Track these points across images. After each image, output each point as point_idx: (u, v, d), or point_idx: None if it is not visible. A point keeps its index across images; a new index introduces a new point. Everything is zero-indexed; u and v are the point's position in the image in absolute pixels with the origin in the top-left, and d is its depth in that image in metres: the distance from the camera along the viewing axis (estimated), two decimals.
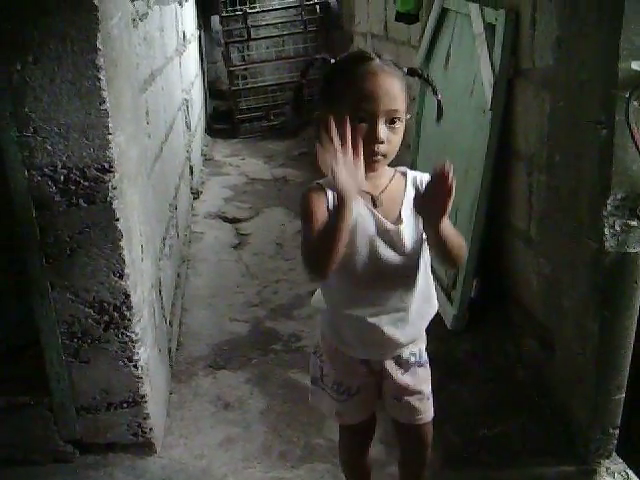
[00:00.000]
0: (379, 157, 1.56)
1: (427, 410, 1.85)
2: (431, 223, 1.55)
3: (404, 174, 1.70)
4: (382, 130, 1.53)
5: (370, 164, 1.56)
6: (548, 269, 2.57)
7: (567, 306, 2.39)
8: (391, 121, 1.54)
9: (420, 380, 1.82)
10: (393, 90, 1.54)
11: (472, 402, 2.67)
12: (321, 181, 1.63)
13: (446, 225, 1.56)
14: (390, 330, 1.69)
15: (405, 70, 1.62)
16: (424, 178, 1.68)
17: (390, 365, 1.78)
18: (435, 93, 1.69)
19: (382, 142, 1.53)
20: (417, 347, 1.80)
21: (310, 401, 1.94)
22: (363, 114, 1.52)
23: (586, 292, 2.24)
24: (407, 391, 1.80)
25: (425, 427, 1.87)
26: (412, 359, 1.79)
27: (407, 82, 1.60)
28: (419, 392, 1.82)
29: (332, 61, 1.64)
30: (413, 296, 1.69)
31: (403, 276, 1.67)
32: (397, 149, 1.59)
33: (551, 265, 2.54)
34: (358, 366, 1.78)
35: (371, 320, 1.67)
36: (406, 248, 1.64)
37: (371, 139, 1.53)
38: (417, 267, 1.69)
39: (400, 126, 1.56)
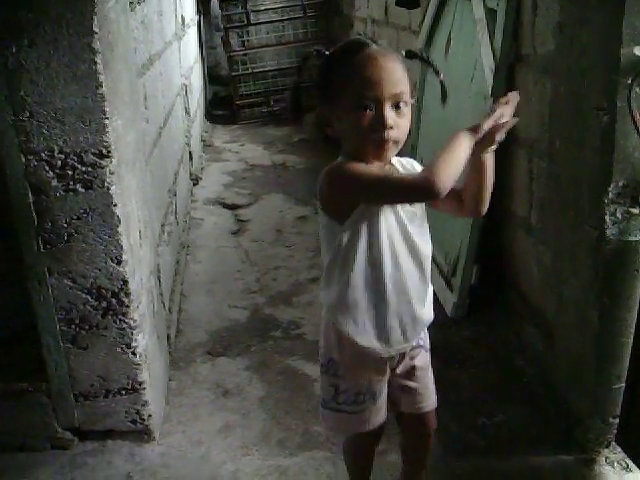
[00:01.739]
0: (390, 144, 1.52)
1: (431, 396, 1.85)
2: (485, 146, 1.53)
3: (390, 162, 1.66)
4: (389, 115, 1.49)
5: (381, 152, 1.53)
6: (548, 257, 2.56)
7: (567, 294, 2.38)
8: (397, 105, 1.50)
9: (426, 364, 1.82)
10: (395, 73, 1.50)
11: (471, 390, 2.66)
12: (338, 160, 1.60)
13: (491, 157, 1.56)
14: (420, 311, 1.68)
15: (403, 53, 1.58)
16: (409, 160, 1.69)
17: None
18: (437, 73, 1.66)
19: (391, 127, 1.49)
20: (423, 331, 1.79)
21: (327, 427, 1.89)
22: (367, 101, 1.48)
23: (586, 280, 2.23)
24: (414, 376, 1.79)
25: (431, 414, 1.87)
26: (420, 342, 1.78)
27: (407, 67, 1.57)
28: (424, 377, 1.82)
29: (327, 53, 1.59)
30: (429, 275, 1.70)
31: (424, 255, 1.66)
32: (406, 134, 1.55)
33: (551, 253, 2.53)
34: (381, 366, 1.73)
35: (412, 303, 1.66)
36: (422, 226, 1.65)
37: (379, 126, 1.49)
38: (430, 245, 1.68)
39: (406, 110, 1.52)
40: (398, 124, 1.51)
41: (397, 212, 1.59)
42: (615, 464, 2.25)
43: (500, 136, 1.51)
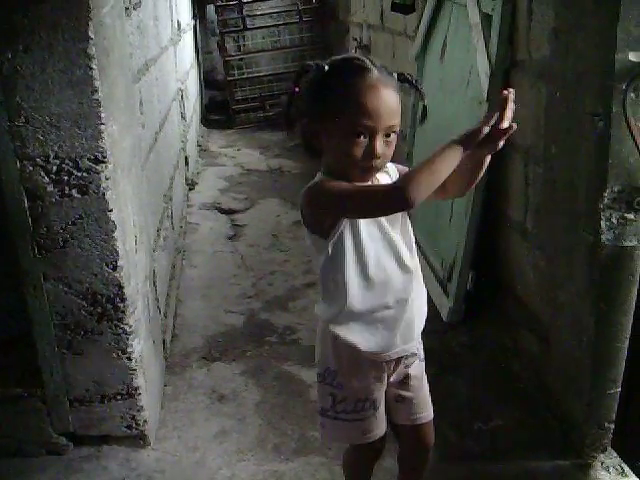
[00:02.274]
0: (375, 172, 1.57)
1: (427, 407, 1.85)
2: (485, 151, 1.52)
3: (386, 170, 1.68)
4: (380, 146, 1.51)
5: (365, 177, 1.56)
6: (544, 262, 2.56)
7: (563, 299, 2.38)
8: (387, 135, 1.53)
9: (420, 373, 1.82)
10: (393, 105, 1.52)
11: (467, 395, 2.66)
12: (317, 178, 1.62)
13: (489, 157, 1.57)
14: (412, 312, 1.69)
15: (395, 76, 1.59)
16: (398, 167, 1.71)
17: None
18: (422, 98, 1.69)
19: (379, 158, 1.53)
20: (418, 340, 1.79)
21: (323, 435, 1.87)
22: (362, 130, 1.50)
23: (582, 285, 2.23)
24: (408, 386, 1.79)
25: (427, 427, 1.86)
26: (415, 350, 1.78)
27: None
28: (418, 387, 1.82)
29: (326, 68, 1.57)
30: (418, 274, 1.70)
31: (408, 256, 1.66)
32: (389, 160, 1.59)
33: (547, 258, 2.53)
34: (379, 372, 1.73)
35: (403, 306, 1.66)
36: (409, 231, 1.66)
37: (369, 155, 1.51)
38: (414, 245, 1.70)
39: (394, 138, 1.55)
40: (385, 153, 1.54)
41: (378, 220, 1.61)
42: (611, 469, 2.25)
43: (502, 142, 1.50)
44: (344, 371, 1.71)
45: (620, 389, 2.23)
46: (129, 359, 2.28)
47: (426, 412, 1.85)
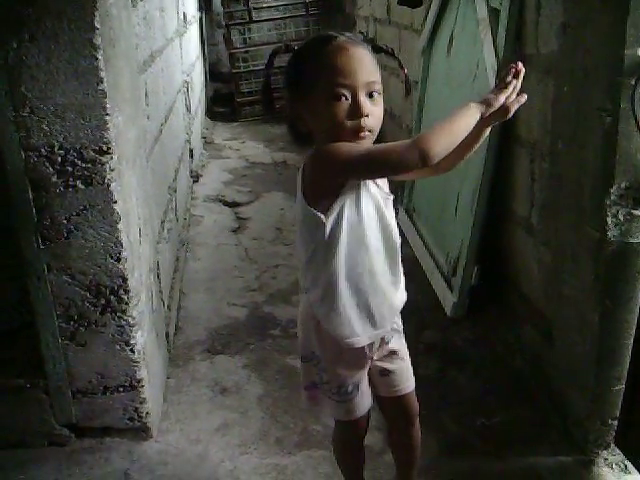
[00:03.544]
0: (366, 132, 1.51)
1: (408, 378, 1.85)
2: (495, 120, 1.52)
3: None
4: (365, 103, 1.49)
5: (357, 141, 1.52)
6: (549, 257, 2.55)
7: (568, 295, 2.37)
8: (370, 95, 1.50)
9: (400, 347, 1.82)
10: (366, 61, 1.51)
11: (470, 390, 2.66)
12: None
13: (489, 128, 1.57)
14: (395, 296, 1.69)
15: (370, 47, 1.58)
16: None
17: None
18: (402, 67, 1.68)
19: (367, 115, 1.49)
20: (397, 316, 1.80)
21: (307, 406, 1.89)
22: (341, 91, 1.47)
23: (587, 281, 2.22)
24: (388, 359, 1.79)
25: (409, 397, 1.86)
26: (394, 326, 1.78)
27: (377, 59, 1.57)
28: (399, 360, 1.82)
29: (296, 48, 1.60)
30: (399, 259, 1.70)
31: (397, 239, 1.66)
32: (380, 123, 1.55)
33: (552, 253, 2.52)
34: (362, 357, 1.73)
35: (388, 287, 1.66)
36: (393, 211, 1.66)
37: (355, 114, 1.49)
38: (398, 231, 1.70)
39: (379, 99, 1.53)
40: (373, 112, 1.51)
41: (376, 199, 1.60)
42: (614, 466, 2.24)
43: (513, 111, 1.50)
44: (327, 358, 1.72)
45: (624, 386, 2.22)
46: (132, 351, 2.28)
47: (408, 383, 1.85)
